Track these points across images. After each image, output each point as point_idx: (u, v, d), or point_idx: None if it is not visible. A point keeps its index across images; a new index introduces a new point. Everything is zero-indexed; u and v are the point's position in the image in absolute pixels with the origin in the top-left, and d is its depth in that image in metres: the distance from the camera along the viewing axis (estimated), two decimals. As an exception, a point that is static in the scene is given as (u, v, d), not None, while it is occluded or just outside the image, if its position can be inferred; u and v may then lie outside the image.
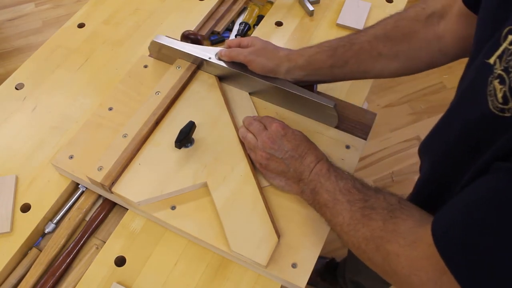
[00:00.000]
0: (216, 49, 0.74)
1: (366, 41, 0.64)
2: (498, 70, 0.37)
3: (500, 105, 0.36)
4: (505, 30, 0.38)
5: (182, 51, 0.75)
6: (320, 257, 1.07)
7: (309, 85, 0.72)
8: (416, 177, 0.61)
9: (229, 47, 0.73)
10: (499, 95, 0.36)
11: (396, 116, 1.73)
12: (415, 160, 1.63)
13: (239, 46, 0.73)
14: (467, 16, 0.54)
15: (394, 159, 1.63)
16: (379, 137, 1.67)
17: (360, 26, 0.89)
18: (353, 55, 0.65)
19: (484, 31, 0.44)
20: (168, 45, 0.76)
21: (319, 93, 0.76)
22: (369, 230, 0.48)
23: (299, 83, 0.70)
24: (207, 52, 0.74)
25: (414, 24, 0.61)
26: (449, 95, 0.52)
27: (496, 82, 0.37)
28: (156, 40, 0.76)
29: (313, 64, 0.67)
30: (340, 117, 0.71)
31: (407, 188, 1.54)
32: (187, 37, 0.80)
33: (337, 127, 0.73)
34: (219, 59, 0.73)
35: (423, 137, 0.58)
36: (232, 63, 0.73)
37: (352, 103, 0.77)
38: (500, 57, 0.37)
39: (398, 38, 0.62)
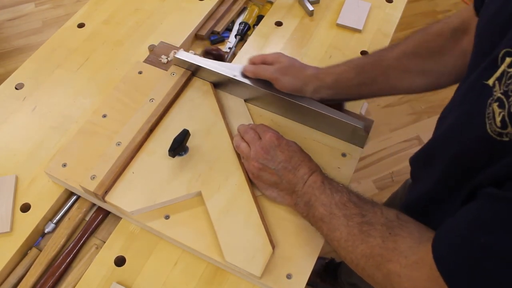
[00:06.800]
0: (240, 66, 0.72)
1: (394, 58, 0.64)
2: (498, 93, 0.36)
3: (498, 129, 0.36)
4: (502, 52, 0.37)
5: (207, 69, 0.73)
6: (320, 258, 1.07)
7: (338, 104, 0.71)
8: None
9: (253, 63, 0.72)
10: (498, 119, 0.36)
11: (396, 116, 1.73)
12: (415, 160, 1.64)
13: (264, 62, 0.71)
14: None
15: (394, 159, 1.62)
16: (379, 137, 1.67)
17: (360, 26, 0.89)
18: (382, 73, 0.64)
19: (481, 48, 0.44)
20: (192, 62, 0.74)
21: (347, 111, 0.74)
22: (368, 247, 0.48)
23: (324, 102, 0.69)
24: (232, 70, 0.72)
25: (440, 39, 0.61)
26: (449, 95, 0.51)
27: (495, 105, 0.36)
28: (178, 57, 0.74)
29: (341, 83, 0.66)
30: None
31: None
32: (209, 53, 0.78)
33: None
34: (243, 76, 0.71)
35: (423, 137, 0.58)
36: (257, 80, 0.71)
37: (350, 107, 0.76)
38: (499, 79, 0.37)
39: (426, 54, 0.62)
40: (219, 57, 0.79)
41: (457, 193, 0.44)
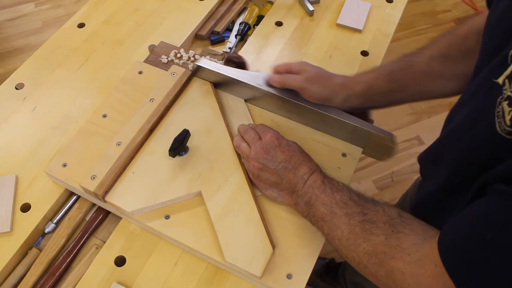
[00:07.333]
0: (264, 74, 0.71)
1: (423, 62, 0.62)
2: (508, 92, 0.36)
3: (508, 128, 0.36)
4: None
5: (231, 77, 0.72)
6: (320, 258, 1.07)
7: (363, 112, 0.69)
8: (416, 176, 0.61)
9: (278, 72, 0.70)
10: (508, 117, 0.36)
11: (396, 116, 1.73)
12: (415, 160, 1.63)
13: (289, 71, 0.70)
14: None
15: (394, 159, 1.62)
16: (379, 137, 1.67)
17: (360, 26, 0.89)
18: (412, 78, 0.63)
19: (490, 46, 0.43)
20: (215, 70, 0.72)
21: (371, 120, 0.72)
22: (370, 245, 0.47)
23: (354, 111, 0.68)
24: (255, 78, 0.71)
25: (468, 41, 0.60)
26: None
27: (505, 104, 0.36)
28: (200, 65, 0.73)
29: (372, 91, 0.65)
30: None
31: (407, 188, 1.54)
32: (231, 61, 0.77)
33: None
34: (269, 85, 0.70)
35: (423, 137, 0.58)
36: (282, 90, 0.69)
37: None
38: (509, 77, 0.37)
39: (457, 57, 0.61)
40: (241, 64, 0.77)
41: (465, 192, 0.44)
